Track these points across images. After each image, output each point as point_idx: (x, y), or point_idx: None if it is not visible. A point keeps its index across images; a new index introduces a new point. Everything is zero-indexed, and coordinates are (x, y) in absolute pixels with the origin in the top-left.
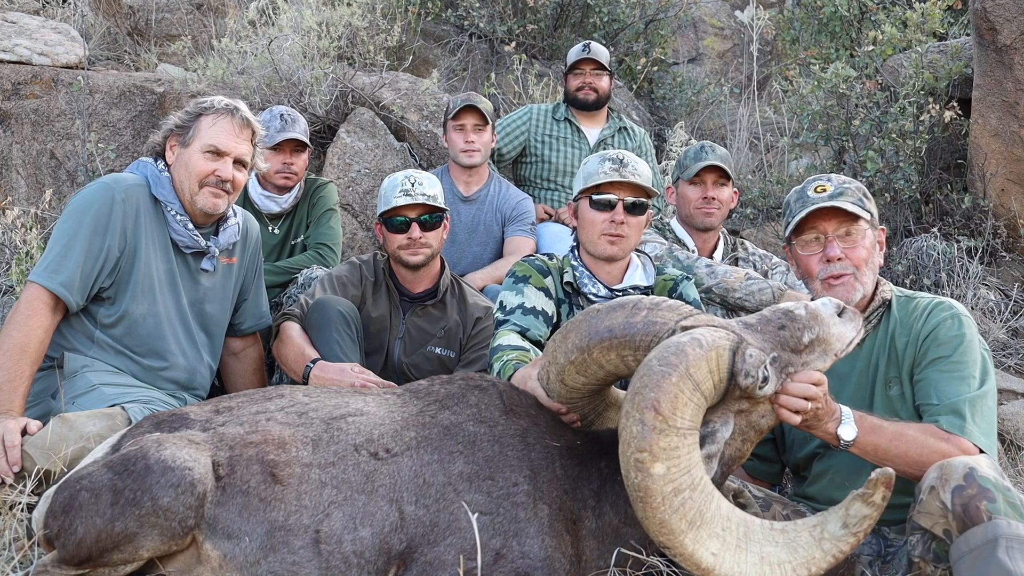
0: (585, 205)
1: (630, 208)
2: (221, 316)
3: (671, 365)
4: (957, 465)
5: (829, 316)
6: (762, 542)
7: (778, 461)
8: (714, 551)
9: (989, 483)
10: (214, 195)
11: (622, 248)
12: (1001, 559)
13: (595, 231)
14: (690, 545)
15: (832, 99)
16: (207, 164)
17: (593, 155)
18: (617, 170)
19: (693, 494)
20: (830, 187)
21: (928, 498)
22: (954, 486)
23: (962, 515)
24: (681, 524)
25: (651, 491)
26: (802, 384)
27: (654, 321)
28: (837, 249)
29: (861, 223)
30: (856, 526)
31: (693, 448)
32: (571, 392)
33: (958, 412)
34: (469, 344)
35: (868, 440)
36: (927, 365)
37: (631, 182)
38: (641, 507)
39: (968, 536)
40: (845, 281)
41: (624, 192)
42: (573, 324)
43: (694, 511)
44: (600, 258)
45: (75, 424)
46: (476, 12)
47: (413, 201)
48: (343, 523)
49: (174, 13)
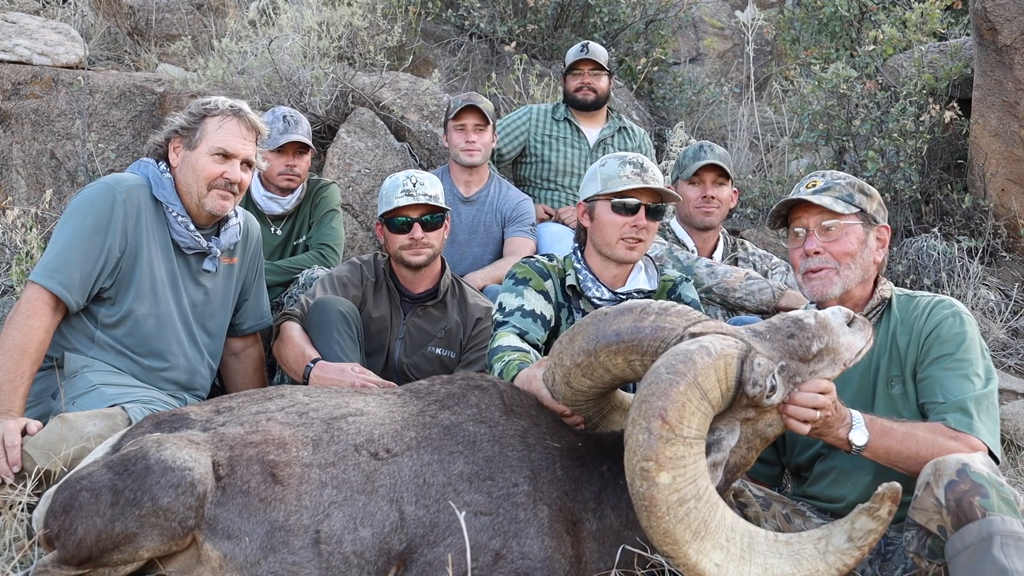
0: (605, 208)
1: (650, 213)
2: (222, 316)
3: (679, 373)
4: (951, 461)
5: (839, 326)
6: (766, 554)
7: (778, 464)
8: (718, 562)
9: (982, 479)
10: (222, 197)
11: (640, 251)
12: (996, 556)
13: (615, 235)
14: (694, 556)
15: (832, 99)
16: (216, 167)
17: (610, 157)
18: (639, 175)
19: (698, 504)
20: (821, 182)
21: (923, 494)
22: (947, 482)
23: (956, 511)
24: (685, 534)
25: (656, 500)
26: (810, 394)
27: (662, 327)
28: (815, 243)
29: (846, 218)
30: (861, 540)
31: (699, 457)
32: (576, 395)
33: (965, 410)
34: (469, 344)
35: (880, 443)
36: (930, 363)
37: (651, 188)
38: (646, 516)
39: (963, 533)
40: (823, 275)
41: (646, 196)
42: (580, 327)
43: (699, 521)
44: (619, 262)
45: (75, 424)
46: (476, 12)
47: (415, 201)
48: (343, 523)
49: (174, 13)
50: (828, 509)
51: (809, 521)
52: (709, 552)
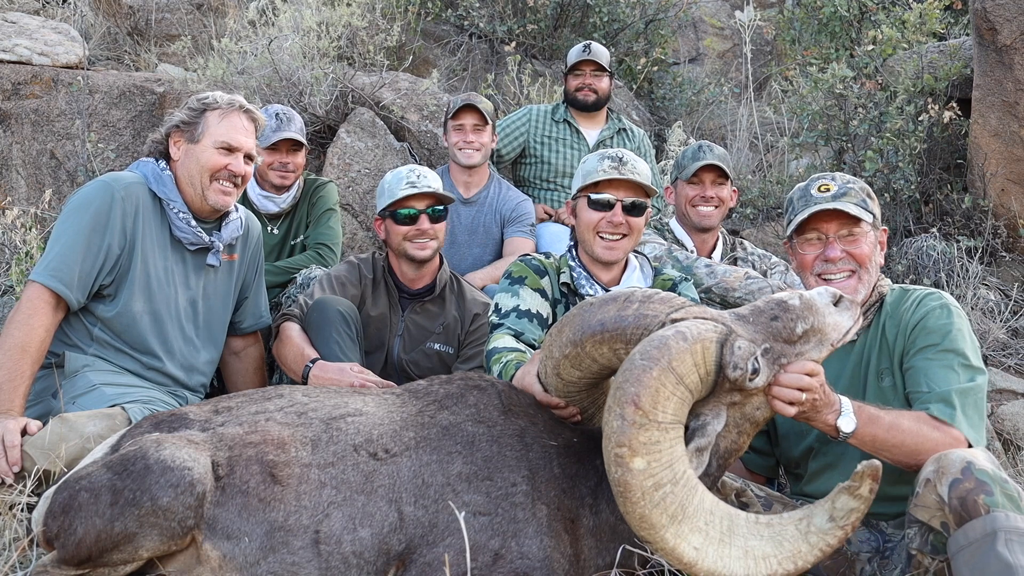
0: (583, 204)
1: (629, 209)
2: (221, 314)
3: (652, 359)
4: (954, 459)
5: (824, 306)
6: (746, 536)
7: (772, 454)
8: (696, 545)
9: (987, 476)
10: (223, 191)
11: (623, 249)
12: (1000, 552)
13: (591, 230)
14: (671, 540)
15: (831, 99)
16: (221, 159)
17: (592, 153)
18: (616, 168)
19: (675, 488)
20: (834, 187)
21: (924, 491)
22: (951, 479)
23: (959, 508)
24: (662, 519)
25: (631, 486)
26: (795, 375)
27: (645, 314)
28: (837, 250)
29: (863, 224)
30: (843, 519)
31: (676, 442)
32: (567, 386)
33: (948, 401)
34: (468, 340)
35: (867, 431)
36: (916, 353)
37: (630, 180)
38: (622, 502)
39: (966, 529)
40: (846, 284)
41: (623, 191)
42: (567, 318)
43: (676, 505)
44: (599, 262)
45: (75, 424)
46: (476, 12)
47: (420, 191)
48: (342, 523)
49: (174, 13)
50: None
51: None
52: (687, 536)
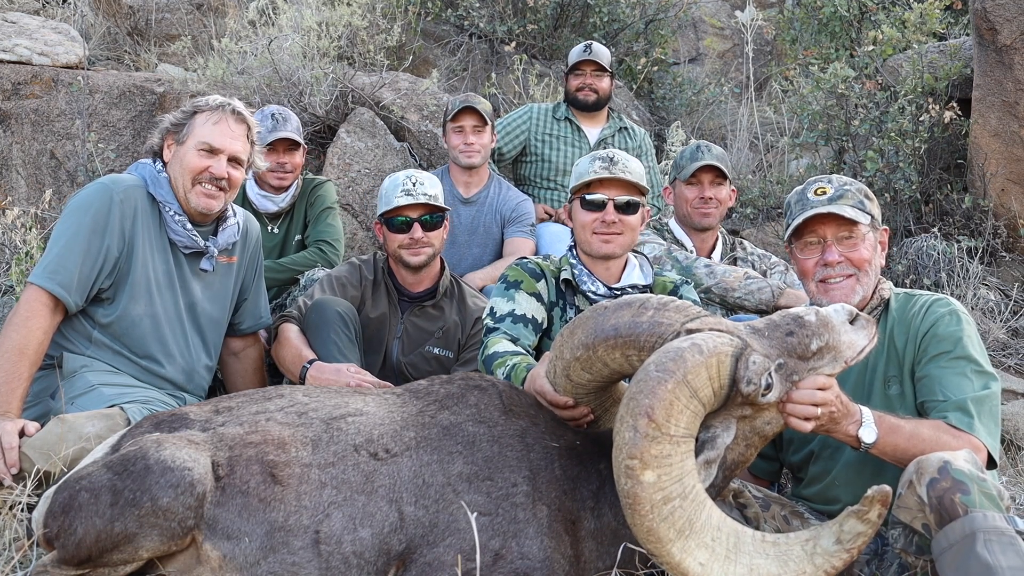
0: (577, 205)
1: (622, 208)
2: (220, 316)
3: (668, 371)
4: (932, 459)
5: (840, 323)
6: (752, 554)
7: (777, 459)
8: (702, 561)
9: (963, 475)
10: (207, 195)
11: (619, 245)
12: (980, 553)
13: (587, 231)
14: (677, 554)
15: (832, 99)
16: (201, 161)
17: (585, 156)
18: (607, 167)
19: (684, 503)
20: (830, 189)
21: (906, 492)
22: (929, 479)
23: (938, 508)
24: (669, 533)
25: (640, 498)
26: (808, 391)
27: (660, 322)
28: (835, 254)
29: (861, 227)
30: (850, 543)
31: (687, 456)
32: (577, 388)
33: (965, 409)
34: (467, 344)
35: (888, 441)
36: (928, 361)
37: (621, 179)
38: (630, 514)
39: (947, 531)
40: (844, 285)
41: (615, 190)
42: (580, 320)
43: (683, 520)
44: (596, 256)
45: (74, 425)
46: (476, 12)
47: (415, 201)
48: (343, 524)
49: (174, 13)
50: (825, 511)
51: (807, 523)
52: (693, 551)
